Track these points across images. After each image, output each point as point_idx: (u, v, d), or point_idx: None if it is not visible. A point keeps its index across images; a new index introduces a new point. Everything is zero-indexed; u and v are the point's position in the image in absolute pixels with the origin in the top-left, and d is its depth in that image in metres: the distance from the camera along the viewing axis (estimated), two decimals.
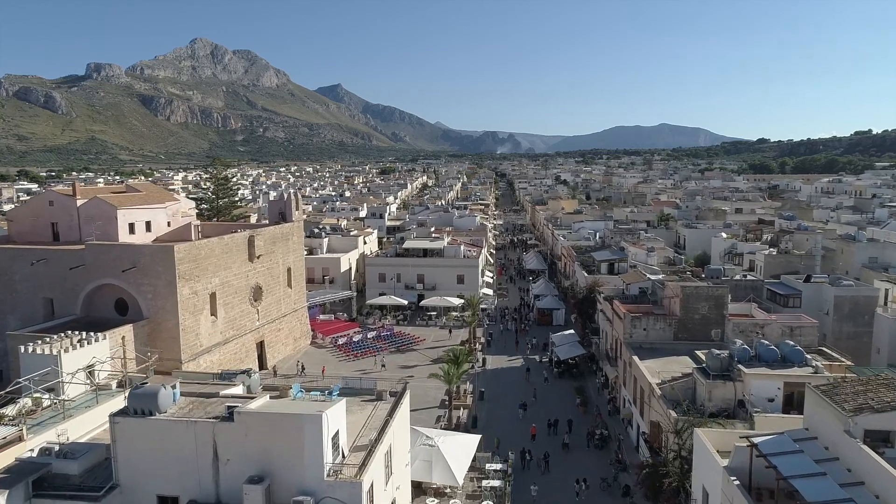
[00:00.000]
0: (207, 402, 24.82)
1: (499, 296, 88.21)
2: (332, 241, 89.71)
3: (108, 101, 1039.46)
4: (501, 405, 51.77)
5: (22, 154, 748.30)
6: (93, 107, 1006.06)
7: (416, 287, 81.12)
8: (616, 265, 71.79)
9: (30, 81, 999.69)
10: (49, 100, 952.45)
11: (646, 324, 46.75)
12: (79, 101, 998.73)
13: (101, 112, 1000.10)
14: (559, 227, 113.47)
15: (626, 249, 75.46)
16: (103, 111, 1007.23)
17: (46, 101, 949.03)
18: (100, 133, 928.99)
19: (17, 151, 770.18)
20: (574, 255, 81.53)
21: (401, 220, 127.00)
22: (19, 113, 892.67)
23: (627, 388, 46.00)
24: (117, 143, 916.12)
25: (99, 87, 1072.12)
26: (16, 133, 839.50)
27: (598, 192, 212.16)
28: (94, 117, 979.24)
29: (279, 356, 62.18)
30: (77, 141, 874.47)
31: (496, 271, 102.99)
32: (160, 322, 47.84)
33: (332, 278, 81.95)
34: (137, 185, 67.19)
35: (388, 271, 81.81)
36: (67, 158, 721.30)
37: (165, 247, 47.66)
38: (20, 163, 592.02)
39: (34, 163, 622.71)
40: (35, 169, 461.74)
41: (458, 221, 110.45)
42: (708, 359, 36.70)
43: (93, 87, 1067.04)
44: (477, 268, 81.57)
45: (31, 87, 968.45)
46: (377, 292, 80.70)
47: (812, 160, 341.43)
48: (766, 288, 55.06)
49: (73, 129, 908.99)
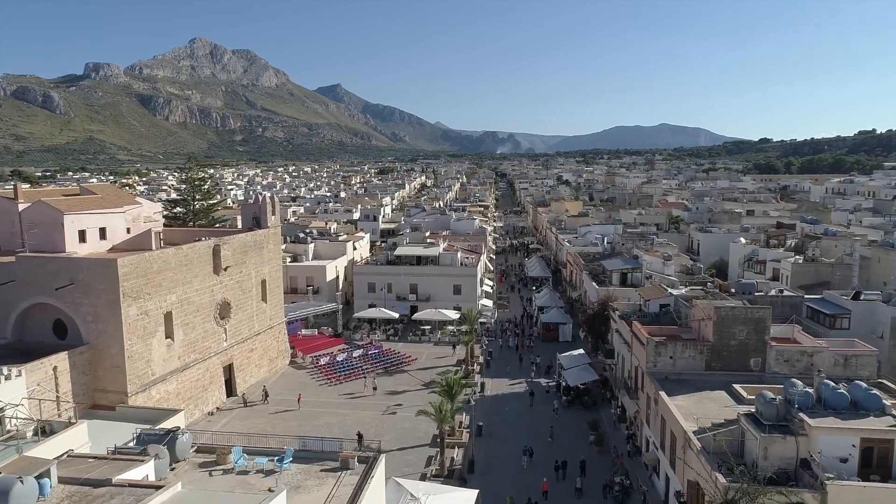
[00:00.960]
0: (93, 497, 17.73)
1: (499, 306, 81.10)
2: (319, 247, 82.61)
3: (106, 101, 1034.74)
4: (502, 442, 44.67)
5: (19, 154, 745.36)
6: (91, 106, 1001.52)
7: (408, 298, 74.02)
8: (629, 275, 64.75)
9: (28, 81, 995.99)
10: (47, 99, 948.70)
11: (672, 351, 39.67)
12: (77, 100, 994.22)
13: (99, 112, 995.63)
14: (563, 230, 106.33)
15: (639, 257, 68.36)
16: (101, 111, 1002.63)
17: (44, 100, 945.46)
18: (98, 133, 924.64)
19: (15, 151, 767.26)
20: (581, 264, 74.42)
21: (396, 223, 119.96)
22: (17, 113, 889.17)
23: (653, 429, 38.89)
24: (115, 143, 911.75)
25: (97, 87, 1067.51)
26: (13, 133, 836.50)
27: (602, 192, 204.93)
28: (93, 117, 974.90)
29: (252, 380, 55.09)
30: (75, 141, 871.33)
31: (496, 278, 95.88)
32: (102, 348, 40.76)
33: (318, 288, 74.85)
34: (94, 187, 60.07)
35: (378, 280, 74.66)
36: (65, 158, 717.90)
37: (106, 260, 40.58)
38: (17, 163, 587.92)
39: (31, 163, 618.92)
40: (30, 169, 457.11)
41: (456, 225, 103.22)
42: (760, 404, 29.60)
43: (91, 86, 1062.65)
44: (475, 277, 74.48)
45: (29, 87, 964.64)
46: (366, 303, 73.58)
47: (819, 160, 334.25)
48: (807, 306, 47.92)
49: (70, 129, 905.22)
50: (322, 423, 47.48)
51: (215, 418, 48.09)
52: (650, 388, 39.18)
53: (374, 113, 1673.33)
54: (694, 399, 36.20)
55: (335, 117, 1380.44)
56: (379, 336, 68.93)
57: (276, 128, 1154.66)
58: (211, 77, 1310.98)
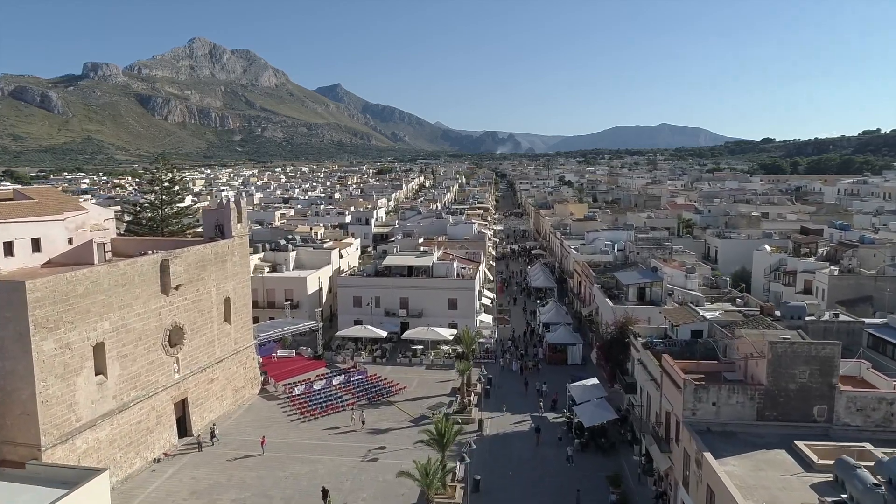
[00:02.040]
0: None
1: (500, 321, 73.23)
2: (302, 256, 74.88)
3: (104, 101, 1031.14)
4: (505, 501, 36.82)
5: (16, 154, 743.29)
6: (89, 106, 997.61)
7: (398, 314, 66.21)
8: (648, 290, 56.95)
9: (26, 81, 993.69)
10: (45, 99, 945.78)
11: (716, 396, 31.85)
12: (75, 100, 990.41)
13: (97, 112, 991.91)
14: (569, 236, 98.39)
15: (658, 269, 60.52)
16: (100, 111, 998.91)
17: (42, 100, 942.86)
18: (96, 133, 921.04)
19: (12, 151, 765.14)
20: (591, 275, 66.57)
21: (389, 227, 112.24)
22: (15, 113, 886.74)
23: (693, 496, 31.00)
24: (113, 143, 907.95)
25: (96, 87, 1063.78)
26: (11, 133, 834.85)
27: (605, 193, 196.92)
28: (91, 117, 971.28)
29: (212, 415, 47.28)
30: (73, 141, 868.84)
31: (496, 288, 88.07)
32: (10, 392, 32.98)
33: (297, 302, 67.05)
34: (31, 191, 52.32)
35: (364, 294, 66.78)
36: (62, 158, 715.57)
37: (11, 283, 32.75)
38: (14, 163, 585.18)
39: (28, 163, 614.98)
40: (24, 169, 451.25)
41: (453, 229, 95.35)
42: (855, 489, 21.84)
43: (89, 86, 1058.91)
44: (473, 290, 66.63)
45: (27, 87, 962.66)
46: (351, 320, 65.61)
47: (826, 160, 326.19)
48: (869, 334, 40.09)
49: (68, 129, 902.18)
50: (288, 473, 39.73)
51: (161, 467, 40.33)
52: (689, 443, 31.35)
53: (374, 113, 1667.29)
54: (749, 463, 28.40)
55: (335, 117, 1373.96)
56: (364, 358, 61.14)
57: (276, 128, 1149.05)
58: (210, 77, 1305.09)
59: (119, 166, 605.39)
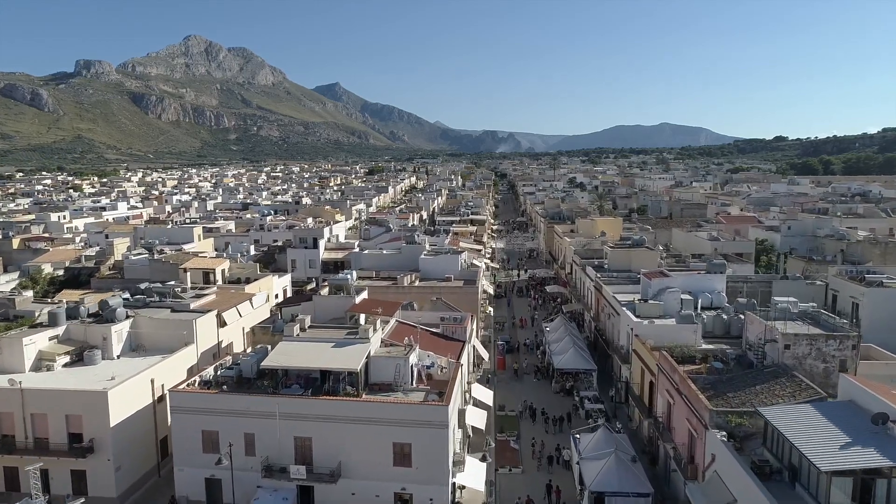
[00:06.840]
0: None
1: (505, 460, 39.84)
2: (146, 330, 41.25)
3: (96, 99, 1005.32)
4: None
5: (3, 153, 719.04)
6: (81, 104, 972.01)
7: (294, 474, 32.45)
8: (878, 487, 23.83)
9: (16, 78, 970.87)
10: (35, 97, 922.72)
11: None
12: (66, 98, 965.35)
13: (88, 110, 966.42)
14: (608, 275, 61.73)
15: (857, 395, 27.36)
16: (91, 109, 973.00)
17: (33, 98, 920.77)
18: (87, 131, 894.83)
19: None
20: (685, 382, 33.46)
21: (346, 251, 79.11)
22: (4, 111, 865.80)
23: None
24: (104, 142, 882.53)
25: (88, 85, 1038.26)
26: None
27: (626, 199, 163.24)
28: (82, 115, 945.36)
29: None
30: (63, 139, 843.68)
31: (495, 363, 54.81)
32: None
33: (91, 444, 33.54)
34: None
35: (222, 428, 33.41)
36: (51, 157, 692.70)
37: None
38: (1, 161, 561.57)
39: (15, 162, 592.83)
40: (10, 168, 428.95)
41: (429, 264, 61.13)
42: None
43: (81, 84, 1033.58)
44: (446, 426, 32.70)
45: (18, 85, 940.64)
46: (200, 477, 32.36)
47: (867, 159, 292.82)
48: None
49: (59, 128, 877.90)
50: None
51: None
52: None
53: (373, 112, 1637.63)
54: None
55: (332, 116, 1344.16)
56: None
57: (272, 126, 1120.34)
58: (206, 75, 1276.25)
59: (108, 165, 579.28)
